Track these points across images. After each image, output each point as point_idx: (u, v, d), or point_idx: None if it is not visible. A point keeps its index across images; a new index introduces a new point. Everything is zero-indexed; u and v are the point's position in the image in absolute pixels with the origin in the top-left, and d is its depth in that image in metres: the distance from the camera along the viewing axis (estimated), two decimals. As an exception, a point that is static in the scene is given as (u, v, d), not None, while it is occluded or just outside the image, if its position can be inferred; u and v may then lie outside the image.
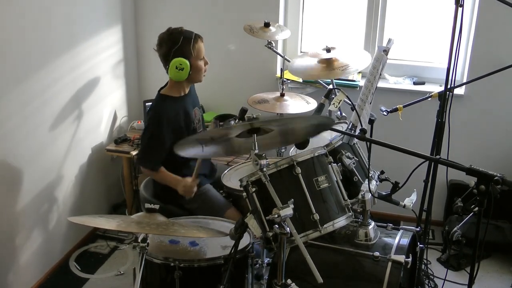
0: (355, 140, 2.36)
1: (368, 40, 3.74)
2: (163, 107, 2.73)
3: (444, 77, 2.57)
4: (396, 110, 2.92)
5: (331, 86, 2.88)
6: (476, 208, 1.72)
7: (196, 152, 2.33)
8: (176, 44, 2.65)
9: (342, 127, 2.76)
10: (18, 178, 2.89)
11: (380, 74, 2.34)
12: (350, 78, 3.63)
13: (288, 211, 1.77)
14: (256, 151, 1.91)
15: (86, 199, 3.53)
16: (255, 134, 1.94)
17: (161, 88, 2.82)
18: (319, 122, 2.13)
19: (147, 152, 2.76)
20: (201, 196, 2.77)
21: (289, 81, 3.58)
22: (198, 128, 2.86)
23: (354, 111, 2.16)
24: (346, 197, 2.09)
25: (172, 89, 2.78)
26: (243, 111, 2.75)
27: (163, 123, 2.67)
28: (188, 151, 2.13)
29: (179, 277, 2.09)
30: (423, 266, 3.01)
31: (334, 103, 2.09)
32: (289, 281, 1.87)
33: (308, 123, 2.12)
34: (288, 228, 1.79)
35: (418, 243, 2.37)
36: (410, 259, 2.05)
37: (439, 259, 3.40)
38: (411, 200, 2.34)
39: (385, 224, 2.32)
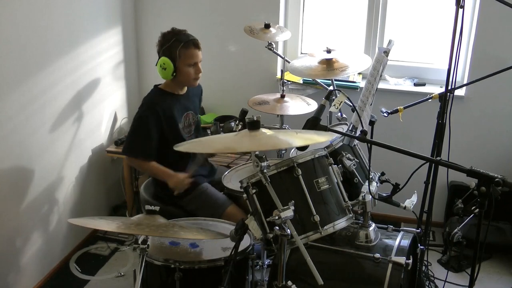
0: (356, 141, 2.36)
1: (369, 41, 3.74)
2: (155, 97, 2.76)
3: (445, 79, 2.57)
4: (396, 111, 2.92)
5: (331, 88, 2.88)
6: (477, 210, 1.71)
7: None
8: (167, 43, 2.68)
9: (343, 128, 2.76)
10: (19, 180, 2.89)
11: (381, 75, 2.34)
12: (350, 79, 3.63)
13: (288, 212, 1.77)
14: (257, 153, 1.91)
15: (87, 200, 3.53)
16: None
17: (158, 84, 2.85)
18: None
19: (134, 139, 2.74)
20: (200, 195, 2.76)
21: (289, 82, 3.59)
22: (186, 133, 2.83)
23: (355, 112, 2.16)
24: (346, 199, 2.09)
25: (168, 86, 2.81)
26: (244, 113, 2.76)
27: (152, 111, 2.67)
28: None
29: (180, 279, 2.09)
30: (423, 268, 3.01)
31: (334, 105, 2.09)
32: (289, 282, 1.87)
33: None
34: (288, 230, 1.79)
35: (419, 244, 2.37)
36: (410, 261, 2.04)
37: (440, 260, 3.40)
38: (411, 201, 2.34)
39: (386, 226, 2.32)
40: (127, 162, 2.84)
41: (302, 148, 2.03)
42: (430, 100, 2.88)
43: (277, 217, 1.76)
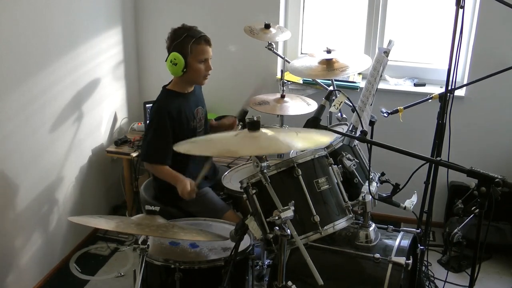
0: (356, 141, 2.36)
1: (369, 42, 3.74)
2: (167, 100, 2.75)
3: (445, 79, 2.57)
4: (396, 111, 2.92)
5: (331, 88, 2.88)
6: (477, 210, 1.71)
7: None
8: (178, 39, 2.67)
9: (343, 128, 2.76)
10: (19, 180, 2.89)
11: (381, 76, 2.34)
12: (350, 79, 3.63)
13: (288, 213, 1.77)
14: (257, 153, 1.91)
15: (86, 200, 3.53)
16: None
17: (166, 85, 2.84)
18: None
19: (155, 145, 2.72)
20: (200, 199, 2.76)
21: (289, 82, 3.59)
22: (198, 127, 2.86)
23: (355, 112, 2.16)
24: (346, 199, 2.08)
25: (176, 86, 2.80)
26: (244, 113, 2.76)
27: (167, 115, 2.68)
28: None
29: (180, 279, 2.09)
30: (423, 268, 3.01)
31: (334, 105, 2.09)
32: (289, 283, 1.87)
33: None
34: (288, 230, 1.79)
35: (419, 244, 2.37)
36: (410, 261, 2.04)
37: (440, 260, 3.40)
38: (411, 201, 2.34)
39: (386, 226, 2.31)
40: (146, 167, 2.82)
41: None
42: (430, 100, 2.88)
43: (277, 217, 1.76)
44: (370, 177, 2.23)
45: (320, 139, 1.83)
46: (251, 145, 1.76)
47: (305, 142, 1.81)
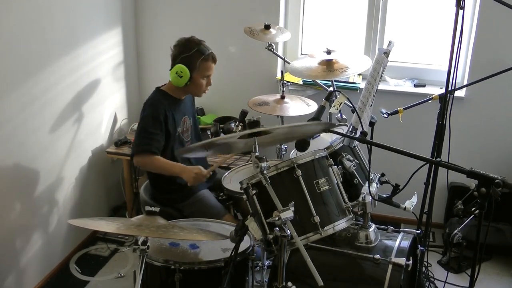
0: (356, 142, 2.36)
1: (369, 42, 3.74)
2: (160, 97, 2.77)
3: (445, 80, 2.57)
4: (396, 112, 2.92)
5: (331, 89, 2.88)
6: (477, 211, 1.71)
7: (200, 155, 2.53)
8: (187, 52, 2.69)
9: (343, 129, 2.76)
10: (18, 180, 2.89)
11: (381, 76, 2.34)
12: (350, 80, 3.63)
13: (288, 213, 1.77)
14: (257, 154, 1.91)
15: (87, 201, 3.53)
16: (255, 137, 1.94)
17: (159, 86, 2.86)
18: (322, 127, 2.16)
19: (144, 134, 2.68)
20: (197, 202, 2.76)
21: (289, 83, 3.59)
22: (185, 138, 2.86)
23: (355, 113, 2.16)
24: (346, 200, 2.08)
25: (170, 90, 2.82)
26: (244, 114, 2.76)
27: (160, 109, 2.69)
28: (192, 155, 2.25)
29: (180, 280, 2.09)
30: (423, 269, 3.01)
31: (334, 105, 2.09)
32: (289, 283, 1.87)
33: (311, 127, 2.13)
34: (288, 231, 1.79)
35: (419, 245, 2.37)
36: (410, 262, 2.04)
37: (440, 261, 3.40)
38: (411, 202, 2.34)
39: (386, 227, 2.32)
40: (136, 162, 2.76)
41: (302, 149, 2.03)
42: (430, 101, 2.88)
43: (277, 218, 1.76)
44: (370, 177, 2.23)
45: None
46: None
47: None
